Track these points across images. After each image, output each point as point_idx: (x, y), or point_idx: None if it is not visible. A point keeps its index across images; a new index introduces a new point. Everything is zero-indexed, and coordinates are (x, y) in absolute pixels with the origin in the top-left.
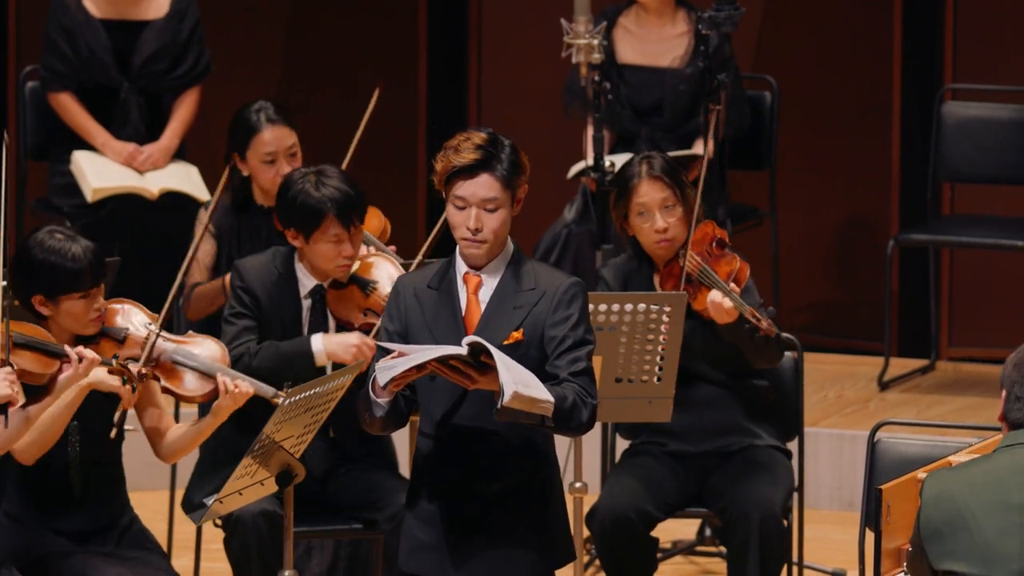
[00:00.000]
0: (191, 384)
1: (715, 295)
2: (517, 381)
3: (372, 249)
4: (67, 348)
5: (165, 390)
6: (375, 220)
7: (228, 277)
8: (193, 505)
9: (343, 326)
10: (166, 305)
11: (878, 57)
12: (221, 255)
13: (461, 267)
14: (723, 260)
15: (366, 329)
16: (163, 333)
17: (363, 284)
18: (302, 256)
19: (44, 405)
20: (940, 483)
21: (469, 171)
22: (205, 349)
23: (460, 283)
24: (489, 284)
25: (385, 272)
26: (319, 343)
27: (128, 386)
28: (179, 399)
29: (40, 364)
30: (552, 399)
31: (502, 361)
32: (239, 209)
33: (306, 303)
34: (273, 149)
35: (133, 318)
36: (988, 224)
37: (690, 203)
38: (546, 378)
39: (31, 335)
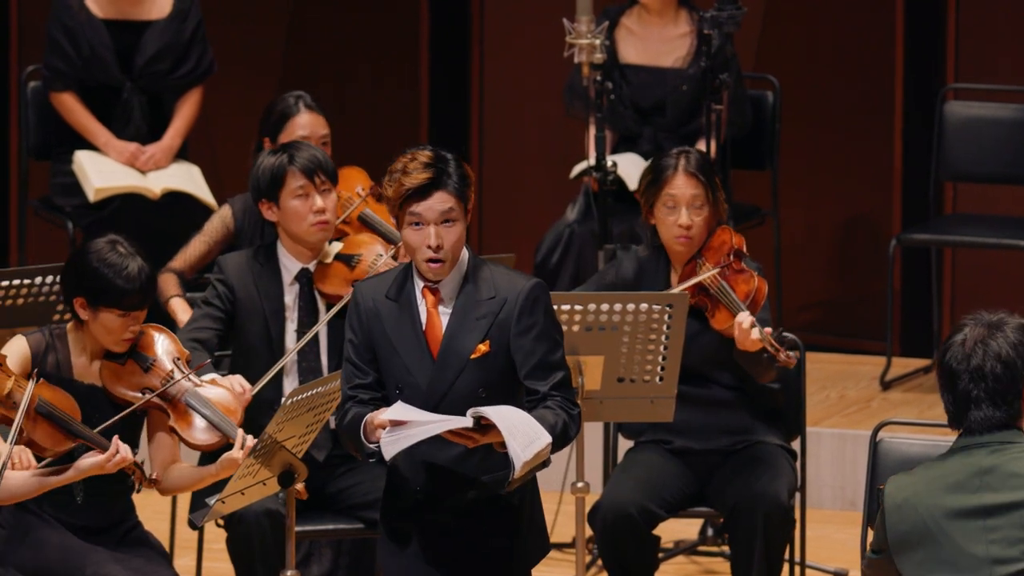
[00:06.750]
0: (199, 432)
1: (743, 320)
2: (524, 446)
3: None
4: (102, 439)
5: (172, 429)
6: (358, 178)
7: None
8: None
9: (332, 303)
10: (212, 366)
11: (880, 56)
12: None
13: (419, 280)
14: (741, 278)
15: None
16: (189, 375)
17: (347, 259)
18: (282, 234)
19: (52, 483)
20: (900, 491)
21: (423, 191)
22: (218, 396)
23: (419, 297)
24: (449, 297)
25: (372, 250)
26: None
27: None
28: (183, 442)
29: (52, 440)
30: (549, 438)
31: (508, 431)
32: None
33: (293, 289)
34: (307, 133)
35: (162, 347)
36: (990, 223)
37: (718, 209)
38: (525, 392)
39: (59, 407)
